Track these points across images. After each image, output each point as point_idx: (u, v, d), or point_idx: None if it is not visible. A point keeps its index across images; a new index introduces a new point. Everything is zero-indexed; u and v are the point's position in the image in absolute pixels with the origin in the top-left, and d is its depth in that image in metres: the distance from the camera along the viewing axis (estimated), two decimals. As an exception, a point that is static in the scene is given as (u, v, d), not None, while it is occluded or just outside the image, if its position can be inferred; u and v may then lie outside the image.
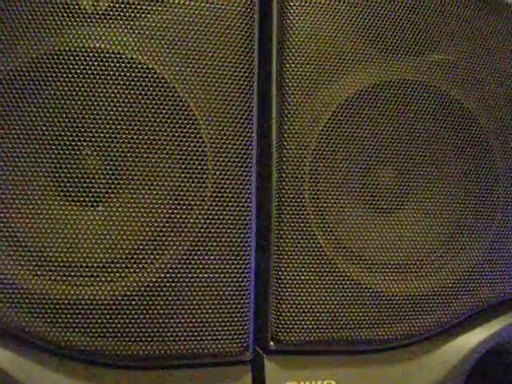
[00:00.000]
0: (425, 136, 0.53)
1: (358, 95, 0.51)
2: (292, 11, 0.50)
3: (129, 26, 0.46)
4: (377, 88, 0.52)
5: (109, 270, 0.45)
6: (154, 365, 0.48)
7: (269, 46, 0.51)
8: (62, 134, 0.45)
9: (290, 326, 0.50)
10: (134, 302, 0.46)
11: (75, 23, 0.45)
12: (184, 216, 0.47)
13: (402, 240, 0.53)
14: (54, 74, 0.45)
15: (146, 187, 0.46)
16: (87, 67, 0.45)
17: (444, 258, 0.54)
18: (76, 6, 0.45)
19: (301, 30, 0.50)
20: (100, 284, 0.45)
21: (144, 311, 0.46)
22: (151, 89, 0.46)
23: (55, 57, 0.45)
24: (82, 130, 0.45)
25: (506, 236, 0.55)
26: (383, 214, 0.53)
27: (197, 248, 0.47)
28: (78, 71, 0.45)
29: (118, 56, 0.45)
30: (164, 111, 0.46)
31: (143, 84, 0.46)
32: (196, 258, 0.47)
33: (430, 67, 0.53)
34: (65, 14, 0.45)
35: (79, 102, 0.45)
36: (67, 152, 0.45)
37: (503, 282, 0.55)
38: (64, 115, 0.45)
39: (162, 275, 0.46)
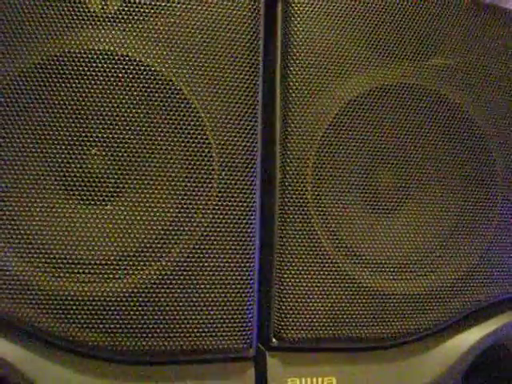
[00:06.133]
0: (425, 139, 0.54)
1: (359, 98, 0.52)
2: (296, 15, 0.51)
3: (137, 29, 0.46)
4: (378, 92, 0.53)
5: (116, 267, 0.46)
6: (158, 360, 0.48)
7: (273, 49, 0.52)
8: (71, 133, 0.46)
9: (292, 324, 0.51)
10: (140, 299, 0.46)
11: (84, 25, 0.46)
12: (190, 214, 0.47)
13: (402, 240, 0.54)
14: (61, 76, 0.45)
15: (154, 186, 0.47)
16: (95, 69, 0.46)
17: (442, 257, 0.55)
18: (85, 9, 0.46)
19: (304, 34, 0.51)
20: (108, 281, 0.46)
21: (150, 308, 0.47)
22: (158, 91, 0.47)
23: (63, 58, 0.45)
24: (91, 130, 0.46)
25: (503, 236, 0.56)
26: (383, 214, 0.54)
27: (202, 246, 0.48)
28: (87, 73, 0.46)
29: (127, 58, 0.46)
30: (171, 113, 0.47)
31: (150, 86, 0.47)
32: (201, 256, 0.48)
33: (430, 71, 0.54)
34: (73, 16, 0.45)
35: (87, 103, 0.46)
36: (76, 152, 0.46)
37: (501, 281, 0.56)
38: (72, 116, 0.46)
39: (168, 272, 0.47)
